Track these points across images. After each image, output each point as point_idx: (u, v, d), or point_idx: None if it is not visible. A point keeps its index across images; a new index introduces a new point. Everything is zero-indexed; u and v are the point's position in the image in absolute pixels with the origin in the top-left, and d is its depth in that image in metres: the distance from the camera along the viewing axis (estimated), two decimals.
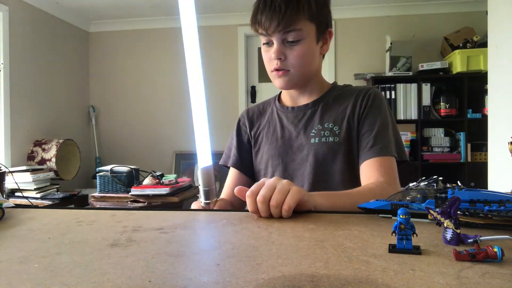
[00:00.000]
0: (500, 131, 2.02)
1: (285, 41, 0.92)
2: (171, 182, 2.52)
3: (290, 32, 0.90)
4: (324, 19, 0.96)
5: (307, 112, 1.02)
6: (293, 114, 1.03)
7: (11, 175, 2.67)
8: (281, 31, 0.90)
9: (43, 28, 3.42)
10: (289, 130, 1.02)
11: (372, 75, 3.42)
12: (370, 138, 0.94)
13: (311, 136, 0.98)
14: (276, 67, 0.94)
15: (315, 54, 0.97)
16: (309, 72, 0.98)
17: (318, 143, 0.97)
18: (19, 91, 3.13)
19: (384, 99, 1.01)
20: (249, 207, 0.65)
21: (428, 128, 3.40)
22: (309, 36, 0.93)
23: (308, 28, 0.92)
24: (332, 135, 0.97)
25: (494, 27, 2.09)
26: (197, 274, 0.39)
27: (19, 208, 0.76)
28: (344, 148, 0.96)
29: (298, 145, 1.00)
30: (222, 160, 1.13)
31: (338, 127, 0.98)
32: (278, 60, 0.93)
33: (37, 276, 0.39)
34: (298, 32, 0.91)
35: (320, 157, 0.96)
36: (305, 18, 0.91)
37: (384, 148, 0.92)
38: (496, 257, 0.40)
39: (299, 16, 0.90)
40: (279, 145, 1.02)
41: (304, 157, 0.98)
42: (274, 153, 1.01)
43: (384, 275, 0.38)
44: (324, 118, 1.00)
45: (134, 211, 0.72)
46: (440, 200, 0.56)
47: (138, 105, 4.02)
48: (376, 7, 3.62)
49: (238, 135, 1.11)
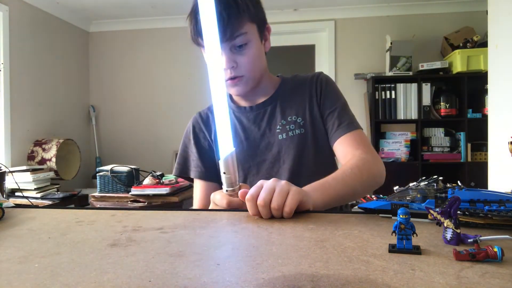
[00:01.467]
0: (500, 131, 2.02)
1: (233, 47, 0.90)
2: (171, 182, 2.52)
3: (237, 37, 0.89)
4: (262, 16, 0.96)
5: (267, 109, 1.02)
6: (253, 113, 1.02)
7: (11, 175, 2.67)
8: (228, 40, 0.88)
9: (43, 28, 3.42)
10: (252, 130, 1.01)
11: (372, 75, 3.42)
12: (335, 118, 0.96)
13: (278, 133, 0.99)
14: (230, 75, 0.92)
15: (262, 53, 0.97)
16: (261, 73, 0.98)
17: (286, 138, 0.98)
18: (19, 91, 3.13)
19: (333, 80, 1.05)
20: (250, 211, 0.64)
21: (428, 128, 3.40)
22: (254, 37, 0.93)
23: (252, 30, 0.92)
24: (297, 127, 0.98)
25: (494, 27, 2.09)
26: (197, 274, 0.39)
27: (19, 208, 0.76)
28: (312, 137, 0.98)
29: (265, 144, 0.99)
30: (177, 171, 1.06)
31: (301, 118, 0.99)
32: (231, 69, 0.91)
33: (37, 276, 0.39)
34: (244, 36, 0.89)
35: (292, 152, 0.96)
36: (247, 20, 0.90)
37: (350, 124, 0.96)
38: (496, 257, 0.40)
39: (242, 20, 0.88)
40: (245, 148, 1.00)
41: (275, 154, 0.98)
42: (242, 157, 0.99)
43: (384, 275, 0.38)
44: (285, 112, 1.00)
45: (134, 211, 0.72)
46: (440, 200, 0.56)
47: (138, 105, 4.02)
48: (376, 7, 3.62)
49: (197, 142, 1.04)
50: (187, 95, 3.88)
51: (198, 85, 3.74)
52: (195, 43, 0.94)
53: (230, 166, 0.70)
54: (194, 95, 3.80)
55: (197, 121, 1.07)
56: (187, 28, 0.93)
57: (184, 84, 3.91)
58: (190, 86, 3.85)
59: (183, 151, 1.07)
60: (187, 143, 1.06)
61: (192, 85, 3.83)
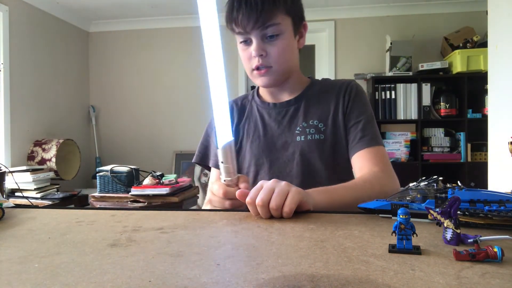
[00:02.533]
0: (500, 131, 2.02)
1: (264, 37, 0.90)
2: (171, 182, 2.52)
3: (269, 27, 0.89)
4: (299, 12, 0.96)
5: (290, 109, 1.01)
6: (276, 110, 1.02)
7: (11, 175, 2.67)
8: (260, 27, 0.88)
9: (43, 28, 3.42)
10: (271, 127, 1.01)
11: (372, 75, 3.41)
12: (358, 131, 0.94)
13: (296, 134, 0.97)
14: (257, 64, 0.92)
15: (294, 48, 0.97)
16: (290, 67, 0.97)
17: (304, 141, 0.96)
18: (19, 91, 3.13)
19: (364, 92, 1.02)
20: (251, 212, 0.65)
21: (428, 128, 3.40)
22: (287, 30, 0.92)
23: (286, 22, 0.92)
24: (317, 132, 0.96)
25: (494, 27, 2.09)
26: (197, 274, 0.39)
27: (19, 208, 0.76)
28: (330, 145, 0.96)
29: (282, 142, 0.99)
30: (197, 158, 1.08)
31: (323, 124, 0.97)
32: (259, 57, 0.91)
33: (37, 276, 0.39)
34: (277, 26, 0.89)
35: (307, 155, 0.95)
36: (281, 12, 0.90)
37: (373, 139, 0.93)
38: (496, 257, 0.40)
39: (276, 11, 0.89)
40: (262, 143, 1.00)
41: (290, 155, 0.97)
42: (257, 152, 0.99)
43: (384, 275, 0.38)
44: (308, 115, 0.99)
45: (134, 211, 0.72)
46: (440, 200, 0.56)
47: (138, 105, 4.02)
48: (376, 7, 3.62)
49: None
50: (187, 95, 3.88)
51: (198, 85, 3.74)
52: (228, 29, 0.95)
53: (228, 155, 0.69)
54: (194, 95, 3.80)
55: None
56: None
57: (184, 84, 3.91)
58: (190, 86, 3.85)
59: (204, 140, 1.09)
60: (209, 132, 1.08)
61: (192, 85, 3.83)
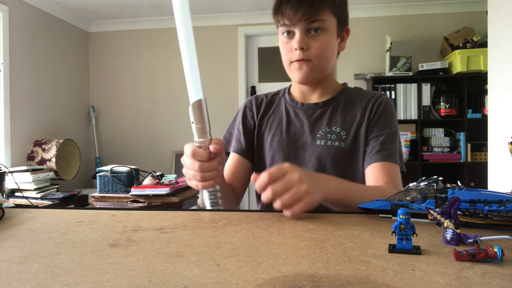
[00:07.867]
0: (500, 131, 2.02)
1: (308, 31, 0.92)
2: (171, 182, 2.52)
3: (315, 22, 0.90)
4: (344, 15, 0.98)
5: (316, 111, 1.01)
6: (302, 110, 1.02)
7: (11, 175, 2.67)
8: (306, 20, 0.90)
9: (43, 28, 3.42)
10: (295, 125, 1.01)
11: (372, 75, 3.42)
12: (377, 143, 0.93)
13: (317, 138, 0.97)
14: (298, 57, 0.93)
15: (334, 48, 0.98)
16: (328, 66, 0.98)
17: (323, 145, 0.96)
18: (19, 91, 3.13)
19: (394, 108, 1.01)
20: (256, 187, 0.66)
21: (428, 128, 3.40)
22: (331, 29, 0.94)
23: (331, 21, 0.93)
24: (338, 139, 0.96)
25: (494, 27, 2.09)
26: (197, 274, 0.39)
27: (19, 208, 0.76)
28: (348, 154, 0.95)
29: (302, 143, 0.99)
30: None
31: (345, 132, 0.97)
32: (301, 50, 0.92)
33: (37, 276, 0.39)
34: (322, 22, 0.91)
35: (324, 161, 0.95)
36: (329, 11, 0.92)
37: (391, 155, 0.92)
38: (496, 257, 0.40)
39: (324, 8, 0.91)
40: (283, 139, 1.00)
41: (307, 157, 0.97)
42: (277, 147, 1.00)
43: (384, 275, 0.38)
44: (332, 121, 0.99)
45: (134, 211, 0.72)
46: (440, 200, 0.56)
47: (138, 105, 4.02)
48: (376, 7, 3.62)
49: (244, 120, 1.08)
50: (187, 95, 3.87)
51: None
52: (274, 20, 0.97)
53: (197, 114, 0.66)
54: None
55: (251, 101, 1.11)
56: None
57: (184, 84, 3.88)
58: None
59: (231, 127, 1.12)
60: (236, 120, 1.11)
61: None
